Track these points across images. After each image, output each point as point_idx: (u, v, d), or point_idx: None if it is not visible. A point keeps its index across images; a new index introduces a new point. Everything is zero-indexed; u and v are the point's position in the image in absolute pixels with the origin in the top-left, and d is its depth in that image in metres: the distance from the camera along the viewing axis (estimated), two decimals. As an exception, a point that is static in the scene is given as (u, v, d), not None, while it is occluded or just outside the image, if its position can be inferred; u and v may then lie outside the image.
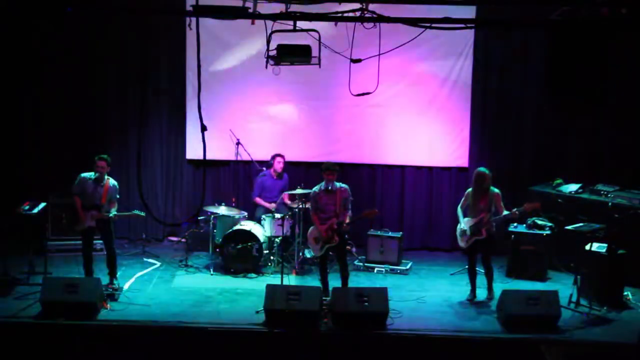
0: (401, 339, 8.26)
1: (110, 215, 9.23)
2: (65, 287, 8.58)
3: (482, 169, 9.36)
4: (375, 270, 10.52)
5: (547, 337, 8.25)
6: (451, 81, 11.34)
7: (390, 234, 10.79)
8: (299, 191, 10.39)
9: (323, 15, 7.77)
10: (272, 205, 10.80)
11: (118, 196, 9.46)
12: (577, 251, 9.29)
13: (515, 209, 9.16)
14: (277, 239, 10.37)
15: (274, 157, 10.94)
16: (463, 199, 9.47)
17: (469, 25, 9.51)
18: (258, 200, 10.93)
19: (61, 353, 8.08)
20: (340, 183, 9.30)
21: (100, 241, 9.91)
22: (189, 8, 8.72)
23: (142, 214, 9.31)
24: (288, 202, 10.84)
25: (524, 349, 8.18)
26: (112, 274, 9.47)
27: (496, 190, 9.27)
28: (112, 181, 9.37)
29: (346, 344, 8.28)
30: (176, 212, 11.78)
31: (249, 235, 10.13)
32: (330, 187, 9.15)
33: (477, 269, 9.43)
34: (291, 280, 9.75)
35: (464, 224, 9.30)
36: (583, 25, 8.00)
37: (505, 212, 9.16)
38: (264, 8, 7.93)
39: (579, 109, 11.20)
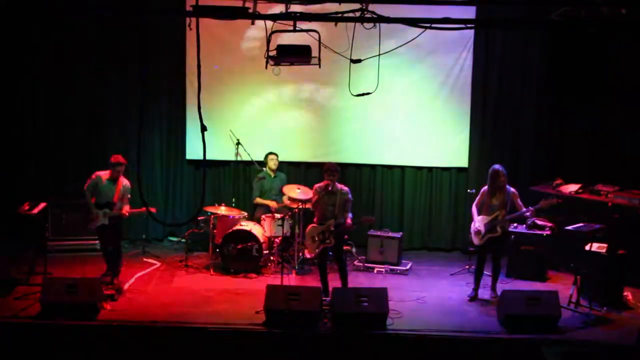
0: (401, 339, 8.25)
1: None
2: (65, 287, 8.57)
3: (496, 166, 9.32)
4: (375, 270, 10.52)
5: (547, 337, 8.25)
6: (451, 81, 11.34)
7: (390, 234, 10.80)
8: (297, 192, 10.40)
9: (323, 15, 7.77)
10: (273, 203, 10.79)
11: (129, 195, 9.55)
12: (577, 251, 9.29)
13: (532, 207, 9.17)
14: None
15: (266, 156, 10.95)
16: (478, 196, 9.45)
17: (469, 25, 9.50)
18: (258, 200, 10.94)
19: (61, 353, 8.08)
20: (342, 185, 9.28)
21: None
22: (189, 8, 8.72)
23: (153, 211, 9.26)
24: (287, 202, 10.84)
25: (524, 349, 8.18)
26: (115, 273, 9.53)
27: (512, 188, 9.27)
28: (125, 180, 9.55)
29: (346, 344, 8.28)
30: (176, 212, 11.78)
31: (249, 235, 10.13)
32: (330, 188, 9.15)
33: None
34: (291, 280, 9.75)
35: (479, 222, 9.30)
36: (583, 25, 7.99)
37: (524, 209, 9.18)
38: (264, 8, 7.93)
39: (579, 108, 11.22)
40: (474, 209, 9.47)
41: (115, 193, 9.41)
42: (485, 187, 9.38)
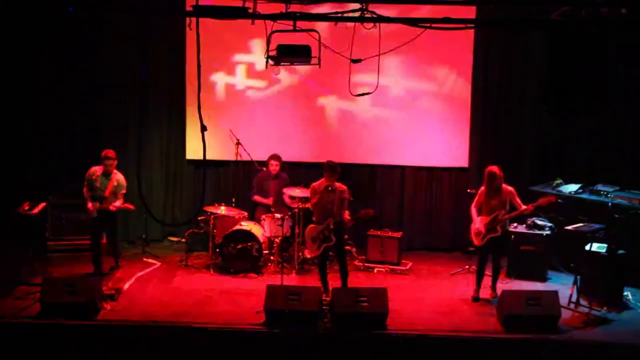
0: (401, 339, 8.26)
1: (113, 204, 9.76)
2: (65, 287, 8.58)
3: (492, 167, 9.32)
4: (375, 270, 10.52)
5: (547, 337, 8.25)
6: (451, 81, 11.34)
7: (390, 234, 10.79)
8: (298, 192, 10.39)
9: (323, 15, 7.77)
10: (270, 199, 10.79)
11: (124, 191, 9.75)
12: (577, 251, 9.29)
13: (531, 204, 9.15)
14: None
15: (269, 159, 10.95)
16: (476, 197, 9.44)
17: (469, 25, 9.51)
18: (256, 197, 10.95)
19: (61, 353, 8.08)
20: (339, 183, 9.27)
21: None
22: (189, 8, 8.73)
23: (131, 208, 10.00)
24: (288, 200, 10.84)
25: (524, 349, 8.18)
26: (116, 257, 10.03)
27: (509, 187, 9.26)
28: (119, 175, 9.82)
29: (346, 344, 8.28)
30: (176, 212, 11.78)
31: (249, 235, 10.13)
32: (330, 187, 9.15)
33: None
34: (291, 280, 9.75)
35: (478, 222, 9.30)
36: (583, 25, 7.99)
37: (523, 207, 9.17)
38: (264, 8, 7.93)
39: (579, 109, 11.18)
40: (473, 210, 9.46)
41: (108, 187, 9.67)
42: (482, 188, 9.37)
